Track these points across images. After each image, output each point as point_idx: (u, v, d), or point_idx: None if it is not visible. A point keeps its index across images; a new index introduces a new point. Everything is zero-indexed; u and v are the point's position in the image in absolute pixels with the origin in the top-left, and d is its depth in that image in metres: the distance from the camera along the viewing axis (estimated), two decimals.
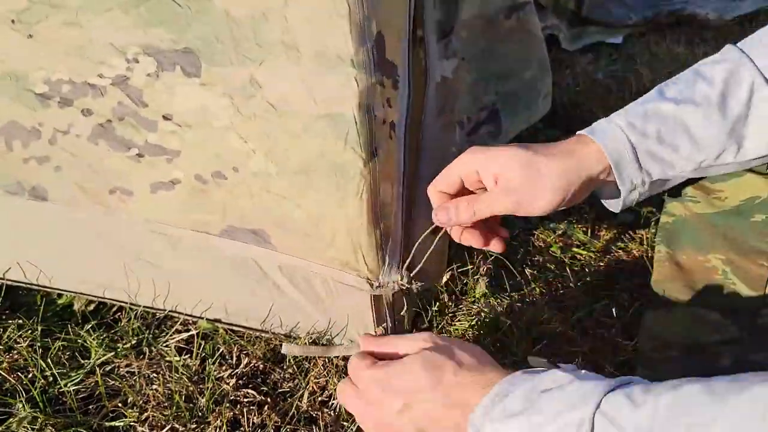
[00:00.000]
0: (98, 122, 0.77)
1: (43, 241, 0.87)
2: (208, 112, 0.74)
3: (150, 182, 0.78)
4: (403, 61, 0.76)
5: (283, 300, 0.81)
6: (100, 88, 0.76)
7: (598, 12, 1.88)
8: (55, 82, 0.77)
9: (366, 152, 0.70)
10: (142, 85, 0.75)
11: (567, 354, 0.91)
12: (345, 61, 0.69)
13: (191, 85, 0.73)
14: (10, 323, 0.90)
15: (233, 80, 0.72)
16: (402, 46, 0.76)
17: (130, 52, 0.74)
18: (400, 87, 0.76)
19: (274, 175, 0.73)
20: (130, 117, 0.76)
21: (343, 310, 0.81)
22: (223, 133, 0.74)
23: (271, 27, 0.70)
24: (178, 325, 0.90)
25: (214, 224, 0.77)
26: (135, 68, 0.74)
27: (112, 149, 0.77)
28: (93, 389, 0.83)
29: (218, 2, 0.71)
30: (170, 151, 0.76)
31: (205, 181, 0.76)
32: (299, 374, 0.84)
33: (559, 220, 1.17)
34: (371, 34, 0.70)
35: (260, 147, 0.73)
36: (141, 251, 0.83)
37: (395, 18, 0.75)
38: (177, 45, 0.73)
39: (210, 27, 0.72)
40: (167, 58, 0.73)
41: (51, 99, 0.78)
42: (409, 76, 0.77)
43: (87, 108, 0.77)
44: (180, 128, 0.75)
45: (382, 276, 0.73)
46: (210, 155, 0.75)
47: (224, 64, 0.72)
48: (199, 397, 0.81)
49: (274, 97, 0.72)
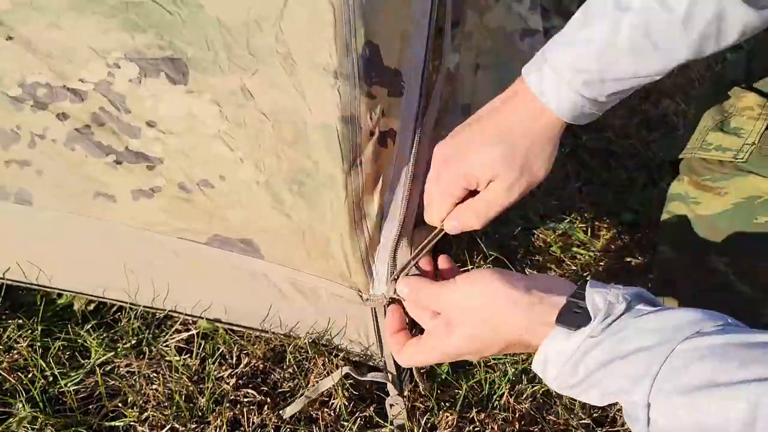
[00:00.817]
0: (74, 127, 0.76)
1: (39, 241, 0.86)
2: (196, 119, 0.73)
3: (130, 189, 0.77)
4: (415, 65, 0.76)
5: (283, 300, 0.81)
6: (80, 92, 0.75)
7: None
8: (30, 86, 0.76)
9: (348, 164, 0.70)
10: (124, 91, 0.74)
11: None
12: (329, 72, 0.69)
13: (176, 92, 0.73)
14: (10, 323, 0.90)
15: (222, 88, 0.72)
16: (410, 51, 0.76)
17: (111, 57, 0.73)
18: (406, 92, 0.75)
19: (263, 184, 0.73)
20: (111, 123, 0.75)
21: (342, 311, 0.81)
22: (210, 141, 0.73)
23: (264, 36, 0.70)
24: (178, 324, 0.90)
25: (200, 233, 0.76)
26: (117, 73, 0.74)
27: (89, 155, 0.77)
28: (93, 389, 0.83)
29: (209, 10, 0.71)
30: (152, 158, 0.75)
31: (188, 190, 0.75)
32: (299, 374, 0.84)
33: (560, 219, 1.17)
34: (359, 44, 0.70)
35: (249, 156, 0.72)
36: (140, 253, 0.83)
37: (397, 23, 0.75)
38: (164, 52, 0.72)
39: (201, 34, 0.71)
40: (151, 64, 0.73)
41: (24, 102, 0.77)
42: (422, 79, 0.77)
43: (63, 112, 0.76)
44: (164, 135, 0.74)
45: (372, 289, 0.73)
46: (195, 163, 0.74)
47: (214, 72, 0.72)
48: (199, 396, 0.81)
49: (265, 107, 0.72)
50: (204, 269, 0.81)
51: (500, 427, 0.82)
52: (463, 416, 0.83)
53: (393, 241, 0.72)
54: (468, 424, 0.82)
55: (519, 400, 0.85)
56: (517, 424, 0.83)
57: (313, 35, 0.69)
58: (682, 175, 0.81)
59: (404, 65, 0.76)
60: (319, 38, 0.69)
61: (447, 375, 0.88)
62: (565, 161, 1.30)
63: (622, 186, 1.27)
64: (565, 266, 1.09)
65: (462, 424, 0.82)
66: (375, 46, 0.71)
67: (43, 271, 0.88)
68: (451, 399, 0.86)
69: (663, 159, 0.98)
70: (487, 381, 0.87)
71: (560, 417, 0.84)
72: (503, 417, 0.83)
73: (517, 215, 1.17)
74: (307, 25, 0.69)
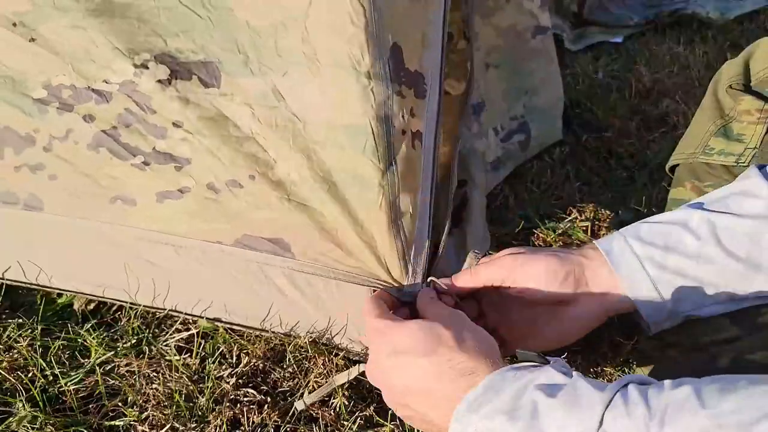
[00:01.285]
0: (101, 129, 0.76)
1: (41, 242, 0.86)
2: (227, 121, 0.73)
3: (156, 191, 0.77)
4: (433, 68, 0.77)
5: (284, 300, 0.81)
6: (105, 93, 0.76)
7: (600, 13, 1.88)
8: (55, 87, 0.77)
9: (384, 163, 0.70)
10: (150, 91, 0.75)
11: (566, 353, 0.91)
12: (362, 73, 0.69)
13: (209, 94, 0.73)
14: (10, 322, 0.90)
15: (254, 90, 0.72)
16: (428, 53, 0.77)
17: (139, 58, 0.74)
18: (429, 95, 0.76)
19: (296, 183, 0.73)
20: (137, 123, 0.76)
21: (343, 310, 0.81)
22: (242, 142, 0.73)
23: (291, 37, 0.70)
24: (178, 324, 0.90)
25: (227, 234, 0.76)
26: (143, 74, 0.74)
27: (114, 157, 0.77)
28: (93, 388, 0.83)
29: (239, 13, 0.71)
30: (180, 159, 0.76)
31: (217, 190, 0.75)
32: (299, 373, 0.84)
33: (560, 219, 1.17)
34: (387, 45, 0.71)
35: (281, 156, 0.73)
36: (141, 252, 0.83)
37: (416, 26, 0.76)
38: (197, 56, 0.73)
39: (231, 37, 0.72)
40: (183, 68, 0.73)
41: (49, 105, 0.77)
42: (440, 82, 0.77)
43: (89, 114, 0.76)
44: (191, 135, 0.74)
45: (407, 285, 0.73)
46: (225, 164, 0.74)
47: (245, 74, 0.72)
48: (199, 396, 0.81)
49: (295, 107, 0.72)
50: (206, 270, 0.81)
51: None
52: None
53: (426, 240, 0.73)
54: None
55: None
56: None
57: (342, 36, 0.69)
58: (683, 181, 0.81)
59: (425, 68, 0.76)
60: (349, 39, 0.69)
61: None
62: (565, 161, 1.31)
63: (622, 186, 1.27)
64: None
65: None
66: (398, 47, 0.72)
67: (44, 271, 0.89)
68: None
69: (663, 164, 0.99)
70: None
71: None
72: None
73: (517, 215, 1.17)
74: (335, 26, 0.69)
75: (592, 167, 1.31)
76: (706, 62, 1.67)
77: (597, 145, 1.37)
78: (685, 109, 1.47)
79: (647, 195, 1.22)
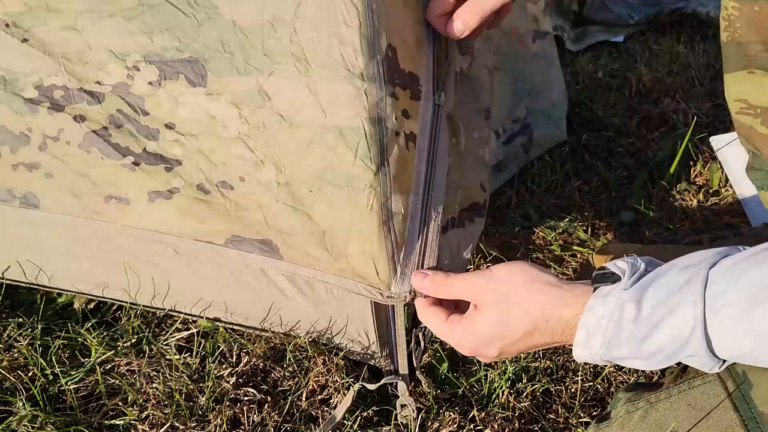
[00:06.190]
0: (92, 129, 0.77)
1: (40, 241, 0.86)
2: (215, 121, 0.73)
3: (147, 191, 0.77)
4: (427, 68, 0.76)
5: (284, 300, 0.81)
6: (97, 94, 0.76)
7: (600, 12, 1.87)
8: (46, 88, 0.77)
9: (375, 164, 0.70)
10: (143, 93, 0.75)
11: (567, 352, 0.91)
12: (355, 74, 0.69)
13: (196, 94, 0.73)
14: (10, 322, 0.90)
15: (240, 90, 0.72)
16: (424, 54, 0.76)
17: (131, 60, 0.74)
18: (423, 96, 0.76)
19: (283, 185, 0.73)
20: (128, 124, 0.76)
21: (343, 311, 0.81)
22: (231, 143, 0.73)
23: (279, 37, 0.70)
24: (178, 323, 0.90)
25: (218, 234, 0.76)
26: (136, 76, 0.74)
27: (105, 156, 0.77)
28: (93, 387, 0.83)
29: (225, 11, 0.71)
30: (170, 160, 0.76)
31: (207, 191, 0.75)
32: (299, 373, 0.84)
33: (560, 218, 1.17)
34: (381, 46, 0.70)
35: (269, 157, 0.73)
36: (141, 252, 0.83)
37: (411, 27, 0.75)
38: (181, 54, 0.72)
39: (216, 36, 0.71)
40: (170, 67, 0.73)
41: (40, 104, 0.77)
42: (434, 83, 0.77)
43: (80, 114, 0.76)
44: (183, 137, 0.74)
45: (395, 287, 0.73)
46: (215, 165, 0.74)
47: (231, 73, 0.72)
48: (199, 395, 0.81)
49: (282, 108, 0.72)
50: (206, 270, 0.81)
51: (500, 425, 0.82)
52: (463, 415, 0.83)
53: (419, 241, 0.73)
54: (468, 423, 0.82)
55: (519, 399, 0.85)
56: (516, 423, 0.83)
57: (334, 37, 0.69)
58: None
59: (420, 69, 0.76)
60: (341, 40, 0.69)
61: (447, 373, 0.88)
62: (565, 160, 1.31)
63: (622, 185, 1.27)
64: (566, 264, 1.09)
65: (462, 422, 0.82)
66: (393, 48, 0.71)
67: (44, 271, 0.89)
68: (451, 398, 0.86)
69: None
70: (487, 379, 0.87)
71: (560, 415, 0.85)
72: (503, 416, 0.83)
73: (517, 214, 1.17)
74: (327, 27, 0.69)
75: (592, 167, 1.31)
76: (707, 61, 1.67)
77: (597, 145, 1.37)
78: (685, 109, 1.47)
79: (647, 194, 1.22)
